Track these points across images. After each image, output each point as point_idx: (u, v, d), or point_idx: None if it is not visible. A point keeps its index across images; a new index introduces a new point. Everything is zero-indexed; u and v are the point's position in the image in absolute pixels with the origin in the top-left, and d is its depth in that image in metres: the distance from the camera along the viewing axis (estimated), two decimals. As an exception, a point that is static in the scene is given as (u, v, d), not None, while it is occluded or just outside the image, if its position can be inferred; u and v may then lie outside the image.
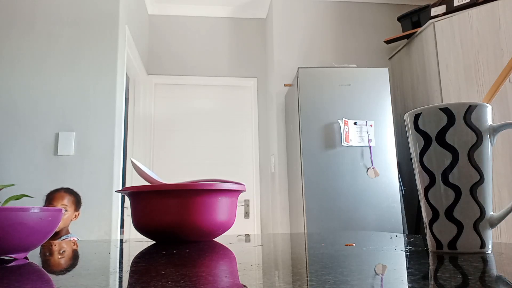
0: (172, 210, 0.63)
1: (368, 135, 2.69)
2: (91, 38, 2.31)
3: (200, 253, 0.48)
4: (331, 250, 0.51)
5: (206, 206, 0.63)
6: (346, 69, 2.86)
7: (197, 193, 0.63)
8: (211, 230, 0.65)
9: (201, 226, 0.63)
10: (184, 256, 0.45)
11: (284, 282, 0.28)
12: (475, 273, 0.30)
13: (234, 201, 0.67)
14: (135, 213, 0.67)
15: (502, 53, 2.53)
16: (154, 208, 0.64)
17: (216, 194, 0.64)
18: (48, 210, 0.45)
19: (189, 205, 0.63)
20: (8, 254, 0.43)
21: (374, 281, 0.29)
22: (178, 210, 0.63)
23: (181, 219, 0.62)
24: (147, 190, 0.65)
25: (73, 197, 2.04)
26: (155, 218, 0.64)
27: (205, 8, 3.80)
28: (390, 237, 0.63)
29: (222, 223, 0.65)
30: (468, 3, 2.72)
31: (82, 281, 0.30)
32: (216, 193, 0.65)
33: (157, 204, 0.64)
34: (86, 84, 2.24)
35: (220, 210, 0.65)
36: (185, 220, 0.62)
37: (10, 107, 2.23)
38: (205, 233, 0.65)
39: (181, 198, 0.63)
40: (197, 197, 0.63)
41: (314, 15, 3.54)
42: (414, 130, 0.44)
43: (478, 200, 0.41)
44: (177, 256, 0.45)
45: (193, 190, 0.63)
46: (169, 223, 0.63)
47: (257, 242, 0.68)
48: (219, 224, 0.65)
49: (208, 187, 0.64)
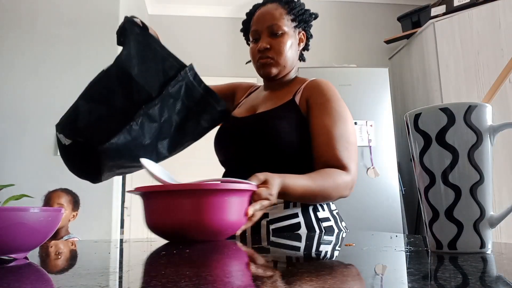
0: (184, 210, 0.63)
1: (368, 135, 2.69)
2: (91, 38, 2.31)
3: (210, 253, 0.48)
4: (331, 250, 0.51)
5: (218, 206, 0.63)
6: (346, 69, 2.86)
7: (209, 193, 0.63)
8: (222, 230, 0.65)
9: (212, 226, 0.63)
10: (185, 257, 0.45)
11: (284, 282, 0.28)
12: (475, 273, 0.30)
13: (245, 201, 0.67)
14: (147, 213, 0.68)
15: (502, 53, 2.53)
16: (166, 208, 0.64)
17: (228, 194, 0.64)
18: (48, 210, 0.45)
19: (201, 205, 0.63)
20: (8, 254, 0.43)
21: (374, 281, 0.29)
22: (190, 210, 0.63)
23: (193, 219, 0.63)
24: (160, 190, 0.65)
25: (71, 197, 2.04)
26: (167, 218, 0.64)
27: (205, 8, 3.80)
28: (390, 237, 0.63)
29: (233, 223, 0.65)
30: (468, 3, 2.72)
31: (82, 281, 0.30)
32: (228, 193, 0.64)
33: (169, 204, 0.64)
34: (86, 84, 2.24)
35: (231, 210, 0.64)
36: (197, 220, 0.62)
37: (10, 107, 2.23)
38: (216, 232, 0.65)
39: (193, 198, 0.63)
40: (209, 196, 0.63)
41: (314, 15, 3.54)
42: (414, 130, 0.44)
43: (478, 200, 0.41)
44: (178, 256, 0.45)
45: (205, 190, 0.63)
46: (181, 222, 0.63)
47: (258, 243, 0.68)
48: (230, 224, 0.65)
49: (220, 187, 0.64)
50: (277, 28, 0.97)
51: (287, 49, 0.98)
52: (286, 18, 0.99)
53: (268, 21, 0.98)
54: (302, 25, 1.04)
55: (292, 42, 1.00)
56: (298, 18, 1.02)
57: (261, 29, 0.99)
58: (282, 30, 0.98)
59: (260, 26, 0.99)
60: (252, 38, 1.01)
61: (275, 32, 0.97)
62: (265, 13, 0.99)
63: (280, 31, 0.97)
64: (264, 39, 0.98)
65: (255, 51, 1.00)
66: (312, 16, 1.05)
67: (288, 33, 0.99)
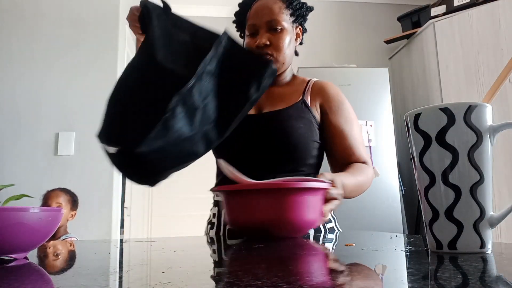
0: (268, 208, 0.65)
1: (368, 135, 2.68)
2: (91, 38, 2.31)
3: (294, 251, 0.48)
4: (331, 250, 0.51)
5: (301, 204, 0.66)
6: (346, 69, 2.85)
7: (293, 191, 0.66)
8: (302, 228, 0.68)
9: (294, 224, 0.65)
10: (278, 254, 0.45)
11: (284, 282, 0.28)
12: (475, 273, 0.30)
13: (321, 200, 0.70)
14: (230, 211, 0.70)
15: (502, 53, 2.53)
16: (250, 206, 0.67)
17: (309, 193, 0.67)
18: (48, 210, 0.45)
19: (284, 203, 0.65)
20: (8, 254, 0.43)
21: (374, 281, 0.29)
22: (273, 208, 0.65)
23: (276, 217, 0.65)
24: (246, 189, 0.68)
25: (69, 196, 2.04)
26: (251, 215, 0.66)
27: (205, 8, 3.80)
28: (390, 237, 0.63)
29: (312, 221, 0.68)
30: (468, 3, 2.72)
31: (82, 281, 0.30)
32: (309, 191, 0.67)
33: (252, 202, 0.67)
34: (86, 84, 2.24)
35: (311, 208, 0.67)
36: (280, 218, 0.65)
37: (10, 107, 2.23)
38: (297, 230, 0.67)
39: (276, 197, 0.65)
40: (293, 195, 0.65)
41: (314, 15, 3.53)
42: (414, 130, 0.44)
43: (478, 200, 0.41)
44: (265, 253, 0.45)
45: (287, 189, 0.66)
46: (264, 220, 0.65)
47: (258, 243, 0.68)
48: (310, 221, 0.67)
49: (301, 185, 0.66)
50: (277, 24, 0.94)
51: (286, 46, 0.96)
52: (285, 12, 0.96)
53: (267, 15, 0.95)
54: (300, 20, 1.02)
55: (290, 38, 0.97)
56: (296, 13, 0.99)
57: (259, 23, 0.95)
58: (281, 25, 0.95)
59: (258, 21, 0.95)
60: (249, 32, 0.97)
61: (275, 27, 0.94)
62: (264, 7, 0.96)
63: (279, 26, 0.95)
64: (263, 35, 0.94)
65: (253, 47, 0.95)
66: (309, 9, 1.03)
67: (287, 29, 0.96)
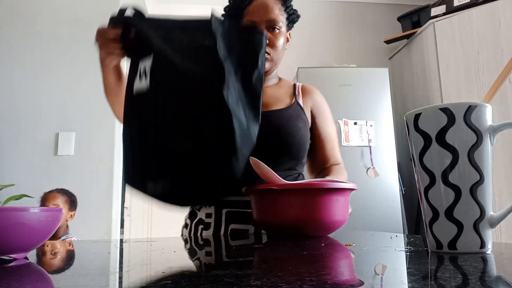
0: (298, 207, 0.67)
1: (368, 135, 2.68)
2: (91, 38, 2.30)
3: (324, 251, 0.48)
4: (331, 250, 0.51)
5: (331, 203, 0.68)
6: (346, 69, 2.85)
7: (324, 192, 0.67)
8: (331, 226, 0.69)
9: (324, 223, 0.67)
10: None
11: (284, 282, 0.28)
12: (475, 273, 0.30)
13: (348, 200, 0.72)
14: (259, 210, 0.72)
15: (502, 53, 2.53)
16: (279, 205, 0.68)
17: (336, 193, 0.69)
18: (48, 210, 0.45)
19: (316, 203, 0.67)
20: (8, 254, 0.43)
21: (374, 281, 0.29)
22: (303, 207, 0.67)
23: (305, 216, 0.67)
24: (278, 189, 0.69)
25: (67, 197, 2.04)
26: (283, 215, 0.68)
27: (205, 8, 3.80)
28: (390, 237, 0.63)
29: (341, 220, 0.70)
30: (468, 3, 2.72)
31: (82, 281, 0.30)
32: (337, 192, 0.69)
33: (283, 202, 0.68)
34: (86, 84, 2.24)
35: (339, 207, 0.69)
36: (311, 217, 0.66)
37: (10, 107, 2.23)
38: (326, 229, 0.69)
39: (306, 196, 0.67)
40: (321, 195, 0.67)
41: (314, 15, 3.54)
42: (414, 130, 0.44)
43: (478, 200, 0.41)
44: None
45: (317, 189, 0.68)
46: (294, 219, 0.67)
47: (257, 242, 0.68)
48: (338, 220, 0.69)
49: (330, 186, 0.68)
50: (276, 23, 0.96)
51: (281, 46, 0.98)
52: (283, 15, 0.98)
53: (268, 14, 0.95)
54: (291, 25, 1.04)
55: (284, 40, 1.00)
56: (291, 17, 1.01)
57: (259, 21, 0.96)
58: (279, 26, 0.97)
59: (258, 18, 0.95)
60: None
61: (274, 26, 0.96)
62: (265, 5, 0.96)
63: (278, 26, 0.96)
64: None
65: None
66: (298, 17, 1.05)
67: (283, 31, 0.99)
